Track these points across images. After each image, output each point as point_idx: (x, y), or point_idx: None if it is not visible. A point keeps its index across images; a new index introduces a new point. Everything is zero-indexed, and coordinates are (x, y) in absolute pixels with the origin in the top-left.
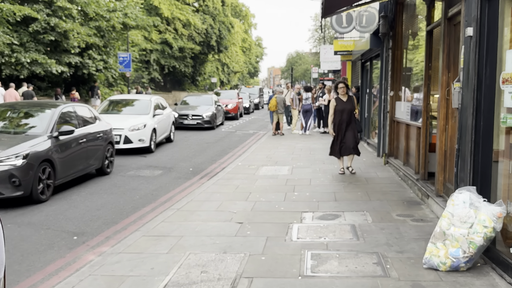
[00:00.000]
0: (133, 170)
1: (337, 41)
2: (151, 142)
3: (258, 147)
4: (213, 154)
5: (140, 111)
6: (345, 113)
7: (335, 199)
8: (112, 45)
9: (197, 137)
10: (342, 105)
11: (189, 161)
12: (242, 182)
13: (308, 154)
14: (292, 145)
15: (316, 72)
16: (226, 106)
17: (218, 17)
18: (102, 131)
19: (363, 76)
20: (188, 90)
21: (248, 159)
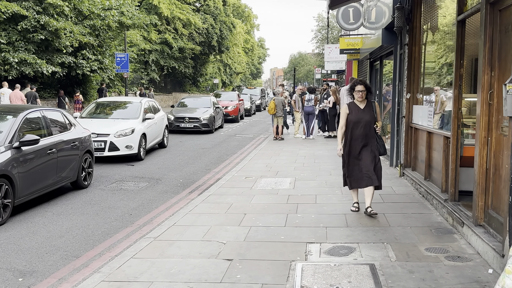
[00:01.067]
0: (115, 182)
1: (343, 39)
2: (140, 148)
3: (257, 153)
4: (208, 161)
5: (129, 115)
6: (362, 126)
7: (346, 224)
8: (108, 44)
9: (193, 142)
10: (357, 114)
11: (180, 170)
12: (236, 199)
13: (313, 163)
14: (295, 152)
15: (319, 73)
16: (225, 108)
17: (219, 17)
18: (78, 139)
19: (371, 77)
20: (189, 92)
21: (246, 168)
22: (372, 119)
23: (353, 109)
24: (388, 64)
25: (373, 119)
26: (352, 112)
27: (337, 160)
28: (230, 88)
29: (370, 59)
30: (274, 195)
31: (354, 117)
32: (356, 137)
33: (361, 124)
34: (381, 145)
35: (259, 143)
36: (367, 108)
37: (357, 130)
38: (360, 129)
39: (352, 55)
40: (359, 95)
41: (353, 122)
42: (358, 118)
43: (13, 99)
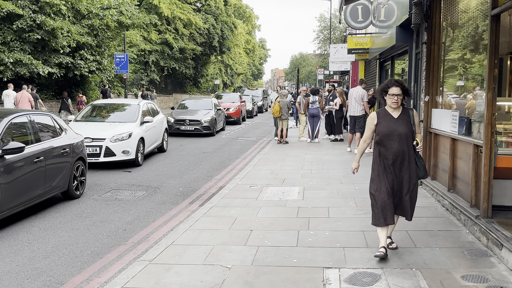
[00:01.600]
0: (110, 191)
1: (352, 38)
2: (138, 154)
3: (261, 158)
4: (210, 167)
5: (126, 118)
6: (395, 141)
7: (366, 244)
8: (107, 45)
9: (194, 146)
10: (389, 124)
11: (180, 177)
12: (241, 212)
13: (321, 169)
14: (301, 157)
15: (321, 74)
16: (227, 109)
17: (220, 17)
18: (69, 145)
19: (381, 78)
20: (190, 93)
21: (250, 175)
22: (409, 132)
23: (383, 118)
24: (401, 64)
25: (410, 131)
26: (382, 122)
27: (347, 166)
28: (231, 89)
29: (379, 59)
30: (282, 207)
31: (385, 129)
32: (387, 155)
33: (395, 137)
34: (421, 166)
35: (262, 147)
36: (403, 117)
37: (389, 146)
38: (393, 145)
39: (361, 55)
40: (393, 100)
41: (384, 135)
42: (391, 129)
43: (20, 101)
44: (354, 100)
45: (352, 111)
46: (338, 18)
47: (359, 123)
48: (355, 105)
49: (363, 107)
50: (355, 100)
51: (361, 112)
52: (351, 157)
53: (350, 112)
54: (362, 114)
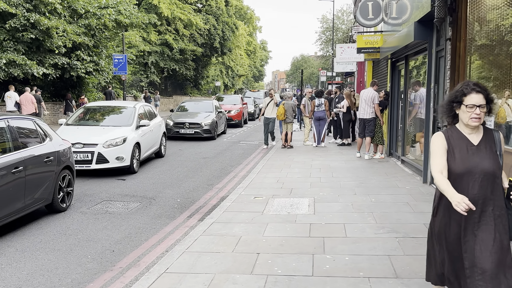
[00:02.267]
0: (101, 203)
1: (361, 37)
2: (133, 160)
3: (265, 164)
4: (210, 174)
5: (121, 122)
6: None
7: (395, 273)
8: (105, 45)
9: (194, 150)
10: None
11: (178, 186)
12: (245, 230)
13: (330, 177)
14: (307, 163)
15: (324, 76)
16: (228, 112)
17: (221, 18)
18: (54, 153)
19: (394, 79)
20: (191, 94)
21: (254, 184)
22: (497, 168)
23: (457, 145)
24: (417, 63)
25: (498, 167)
26: (455, 152)
27: (358, 174)
28: (232, 91)
29: (391, 59)
30: (292, 223)
31: (460, 163)
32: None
33: (476, 177)
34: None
35: (266, 152)
36: (486, 144)
37: (464, 189)
38: (471, 188)
39: (371, 55)
40: (474, 115)
41: (459, 173)
42: (470, 165)
43: (24, 103)
44: (364, 102)
45: (362, 113)
46: (352, 14)
47: (369, 127)
48: (365, 108)
49: (373, 110)
50: (365, 102)
51: (371, 115)
52: (361, 164)
53: (360, 114)
54: (372, 117)
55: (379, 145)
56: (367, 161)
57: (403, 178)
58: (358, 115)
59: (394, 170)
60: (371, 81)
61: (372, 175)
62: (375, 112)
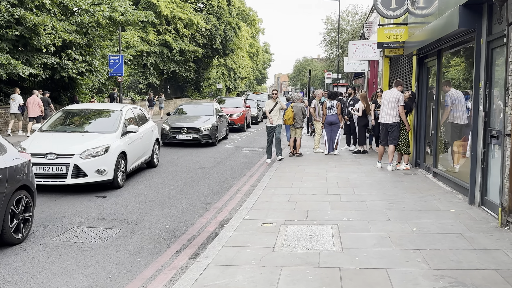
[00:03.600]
0: (70, 230)
1: (382, 30)
2: (117, 173)
3: (273, 176)
4: (208, 189)
5: (104, 128)
6: None
7: None
8: (98, 44)
9: (192, 158)
10: None
11: (169, 205)
12: (252, 280)
13: (352, 194)
14: (322, 175)
15: (330, 78)
16: (230, 115)
17: (223, 17)
18: (3, 170)
19: (420, 78)
20: (191, 97)
21: (261, 203)
22: None
23: None
24: (456, 59)
25: None
26: None
27: (385, 190)
28: (235, 94)
29: (418, 55)
30: (315, 267)
31: None
32: None
33: None
34: None
35: (272, 160)
36: None
37: None
38: None
39: (393, 51)
40: None
41: None
42: None
43: (30, 105)
44: (387, 104)
45: (384, 117)
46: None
47: (393, 133)
48: (388, 110)
49: (397, 113)
50: (388, 104)
51: (395, 119)
52: (385, 177)
53: (382, 118)
54: (396, 122)
55: (404, 155)
56: (391, 173)
57: (441, 197)
58: (380, 119)
59: (427, 185)
60: (395, 81)
61: (403, 192)
62: (399, 116)
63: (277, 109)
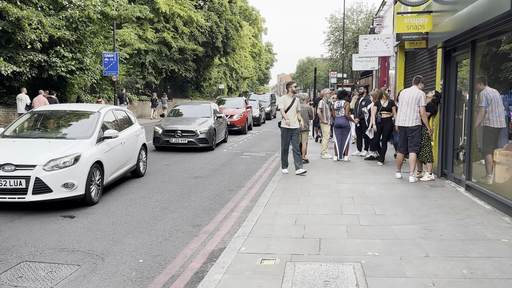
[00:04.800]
0: (16, 266)
1: (402, 18)
2: (90, 187)
3: (276, 188)
4: (200, 205)
5: (77, 133)
6: None
7: None
8: (90, 41)
9: (185, 166)
10: None
11: (148, 229)
12: None
13: (372, 214)
14: (333, 187)
15: (334, 77)
16: (230, 117)
17: (224, 15)
18: None
19: (448, 75)
20: (192, 97)
21: (261, 227)
22: None
23: None
24: (496, 49)
25: None
26: None
27: (412, 209)
28: (237, 94)
29: (444, 48)
30: None
31: None
32: None
33: None
34: None
35: (275, 167)
36: None
37: None
38: None
39: (414, 43)
40: None
41: None
42: None
43: (37, 105)
44: (406, 105)
45: (402, 119)
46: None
47: (414, 139)
48: (408, 112)
49: (418, 115)
50: (407, 105)
51: (415, 122)
52: (408, 190)
53: (400, 121)
54: (416, 126)
55: (427, 163)
56: (415, 185)
57: (484, 219)
58: (397, 122)
59: (462, 202)
60: (415, 78)
61: (435, 212)
62: (420, 118)
63: (294, 109)
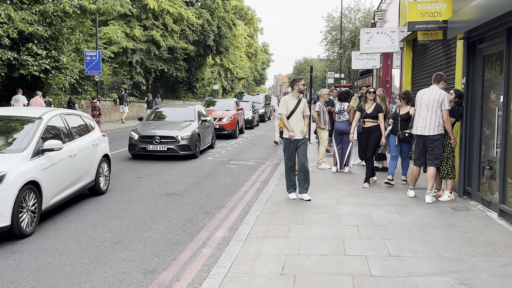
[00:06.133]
0: None
1: (415, 4)
2: (20, 215)
3: (262, 213)
4: (163, 240)
5: (6, 146)
6: None
7: None
8: (67, 37)
9: (159, 178)
10: None
11: (83, 278)
12: None
13: (386, 255)
14: (332, 210)
15: (331, 77)
16: (219, 120)
17: (216, 12)
18: None
19: (473, 72)
20: (184, 99)
21: (234, 282)
22: None
23: None
24: None
25: None
26: None
27: (437, 245)
28: (232, 95)
29: (467, 39)
30: None
31: None
32: None
33: None
34: None
35: (264, 180)
36: None
37: None
38: None
39: (428, 34)
40: None
41: None
42: None
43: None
44: (426, 109)
45: (421, 126)
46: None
47: (434, 150)
48: (428, 117)
49: (441, 121)
50: (426, 109)
51: (437, 130)
52: (426, 215)
53: (418, 128)
54: (439, 134)
55: (447, 179)
56: (433, 207)
57: None
58: (415, 130)
59: (498, 234)
60: (435, 75)
61: (468, 253)
62: (443, 125)
63: (299, 113)
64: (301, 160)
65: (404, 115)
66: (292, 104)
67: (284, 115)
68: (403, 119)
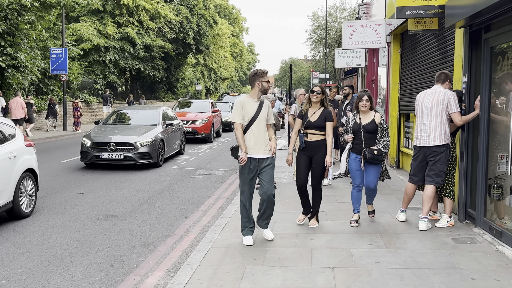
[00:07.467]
0: None
1: None
2: None
3: (213, 247)
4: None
5: None
6: None
7: None
8: (25, 33)
9: (105, 194)
10: None
11: None
12: None
13: None
14: (302, 242)
15: (316, 77)
16: (192, 122)
17: (196, 9)
18: None
19: (477, 68)
20: (164, 99)
21: None
22: None
23: None
24: None
25: None
26: None
27: None
28: (216, 96)
29: (469, 27)
30: None
31: None
32: None
33: None
34: None
35: (230, 196)
36: None
37: None
38: None
39: (421, 23)
40: None
41: None
42: None
43: (14, 107)
44: (429, 114)
45: (426, 136)
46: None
47: (437, 164)
48: (432, 124)
49: (447, 128)
50: (429, 114)
51: (443, 139)
52: (422, 252)
53: (422, 138)
54: (444, 144)
55: (446, 199)
56: (430, 237)
57: None
58: (419, 142)
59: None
60: (438, 74)
61: None
62: (450, 134)
63: (262, 120)
64: (267, 188)
65: (369, 125)
66: (252, 109)
67: (239, 125)
68: (368, 130)
